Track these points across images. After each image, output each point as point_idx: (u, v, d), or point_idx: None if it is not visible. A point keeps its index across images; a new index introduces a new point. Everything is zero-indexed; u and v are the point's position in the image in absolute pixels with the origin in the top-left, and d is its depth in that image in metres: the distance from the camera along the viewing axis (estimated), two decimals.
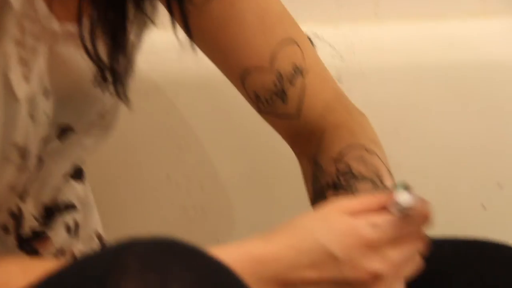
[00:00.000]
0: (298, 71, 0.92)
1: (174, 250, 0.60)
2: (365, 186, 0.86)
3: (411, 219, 0.76)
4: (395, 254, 0.75)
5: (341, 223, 0.75)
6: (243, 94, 0.95)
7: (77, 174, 0.92)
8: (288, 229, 0.76)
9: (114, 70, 0.74)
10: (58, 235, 0.89)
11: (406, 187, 0.77)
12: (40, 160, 0.82)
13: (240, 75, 0.93)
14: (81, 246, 0.92)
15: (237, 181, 1.33)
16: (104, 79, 0.79)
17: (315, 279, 0.74)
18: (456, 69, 1.34)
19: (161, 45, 1.13)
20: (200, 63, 0.98)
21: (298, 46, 0.93)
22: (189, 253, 0.61)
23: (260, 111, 0.95)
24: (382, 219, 0.75)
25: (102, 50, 0.76)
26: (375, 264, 0.74)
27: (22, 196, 0.84)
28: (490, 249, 0.91)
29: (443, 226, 0.98)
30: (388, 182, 0.86)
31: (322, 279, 0.74)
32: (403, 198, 0.76)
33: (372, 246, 0.74)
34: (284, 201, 1.32)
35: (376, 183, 0.87)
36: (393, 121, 1.28)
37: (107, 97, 0.82)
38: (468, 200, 1.37)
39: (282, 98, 0.93)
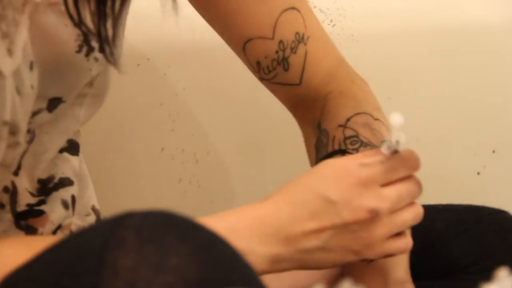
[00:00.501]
0: (299, 38, 0.93)
1: (171, 223, 0.60)
2: None
3: (400, 159, 0.77)
4: (390, 192, 0.76)
5: (332, 169, 0.76)
6: (244, 63, 0.96)
7: (73, 148, 0.92)
8: (283, 188, 0.77)
9: (102, 36, 0.73)
10: (55, 211, 0.88)
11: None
12: (32, 133, 0.81)
13: (242, 44, 0.93)
14: (78, 220, 0.92)
15: (232, 152, 1.33)
16: (89, 46, 0.79)
17: (316, 230, 0.75)
18: (449, 33, 1.34)
19: (152, 15, 1.12)
20: (192, 33, 0.97)
21: (300, 12, 0.93)
22: (185, 226, 0.60)
23: (262, 79, 0.95)
24: (371, 159, 0.77)
25: (88, 16, 0.75)
26: (372, 201, 0.75)
27: (15, 171, 0.83)
28: (485, 215, 0.92)
29: (439, 194, 0.98)
30: None
31: (323, 228, 0.75)
32: (393, 136, 0.76)
33: (366, 184, 0.75)
34: (279, 170, 1.32)
35: None
36: (385, 87, 1.28)
37: (93, 65, 0.82)
38: (464, 167, 1.37)
39: (284, 65, 0.93)
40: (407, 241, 0.79)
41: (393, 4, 1.33)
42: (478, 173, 1.37)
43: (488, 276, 0.58)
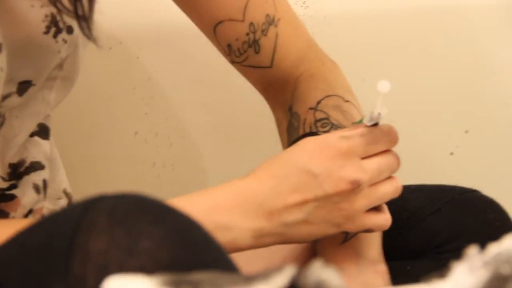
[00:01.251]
0: (270, 20, 0.93)
1: (143, 206, 0.60)
2: None
3: (380, 132, 0.78)
4: (370, 165, 0.77)
5: (312, 142, 0.77)
6: (215, 45, 0.95)
7: (44, 132, 0.91)
8: (265, 163, 0.78)
9: (78, 12, 0.72)
10: (26, 195, 0.88)
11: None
12: (1, 117, 0.81)
13: (213, 27, 0.93)
14: (49, 204, 0.91)
15: (205, 136, 1.33)
16: (57, 27, 0.78)
17: (299, 202, 0.76)
18: (421, 14, 1.34)
19: None
20: (165, 16, 0.97)
21: None
22: (157, 209, 0.60)
23: (233, 61, 0.95)
24: (350, 131, 0.78)
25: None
26: (353, 172, 0.76)
27: None
28: (457, 195, 0.92)
29: (413, 174, 0.98)
30: None
31: (306, 201, 0.76)
32: (378, 103, 0.77)
33: (347, 156, 0.76)
34: (253, 153, 1.31)
35: None
36: (358, 69, 1.28)
37: (62, 46, 0.81)
38: (437, 147, 1.38)
39: (255, 48, 0.93)
40: (386, 218, 0.80)
41: None
42: (451, 154, 1.37)
43: (459, 255, 0.58)
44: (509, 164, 1.39)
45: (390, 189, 0.79)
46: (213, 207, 0.74)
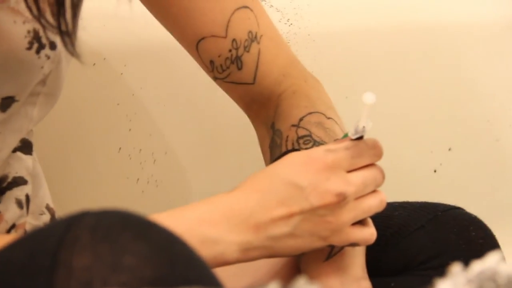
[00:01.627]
0: (252, 37, 0.93)
1: (126, 222, 0.60)
2: None
3: (365, 146, 0.78)
4: (356, 178, 0.77)
5: (298, 157, 0.77)
6: (198, 62, 0.95)
7: (26, 147, 0.91)
8: (251, 177, 0.78)
9: (62, 28, 0.72)
10: (9, 210, 0.87)
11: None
12: None
13: (195, 43, 0.93)
14: (32, 220, 0.91)
15: (190, 152, 1.33)
16: (40, 43, 0.78)
17: (285, 216, 0.76)
18: (404, 32, 1.35)
19: (109, 14, 1.11)
20: (149, 33, 0.97)
21: (252, 11, 0.93)
22: (141, 225, 0.60)
23: (215, 78, 0.95)
24: (335, 145, 0.78)
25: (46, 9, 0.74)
26: (339, 185, 0.76)
27: None
28: (440, 212, 0.93)
29: (396, 191, 0.99)
30: None
31: (292, 214, 0.76)
32: (363, 116, 0.77)
33: (333, 169, 0.76)
34: (237, 170, 1.31)
35: None
36: (342, 86, 1.28)
37: (45, 62, 0.81)
38: (421, 165, 1.38)
39: (238, 64, 0.93)
40: (372, 232, 0.80)
41: (349, 4, 1.34)
42: (435, 171, 1.38)
43: (443, 272, 0.58)
44: (492, 181, 1.39)
45: (375, 203, 0.79)
46: (200, 221, 0.74)
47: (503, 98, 1.39)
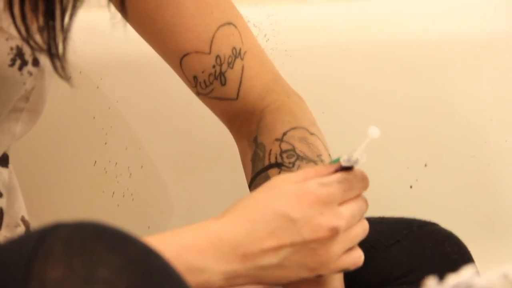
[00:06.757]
0: (236, 53, 0.93)
1: (101, 234, 0.59)
2: (307, 166, 0.88)
3: (355, 179, 0.78)
4: (346, 210, 0.77)
5: (291, 188, 0.76)
6: (181, 77, 0.95)
7: (3, 160, 0.90)
8: (239, 205, 0.77)
9: (52, 51, 0.72)
10: None
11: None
12: None
13: (179, 59, 0.93)
14: (6, 232, 0.90)
15: (166, 166, 1.32)
16: (23, 60, 0.78)
17: (275, 247, 0.75)
18: (381, 47, 1.35)
19: (84, 28, 1.11)
20: (125, 46, 0.97)
21: (236, 28, 0.94)
22: (115, 237, 0.60)
23: (198, 93, 0.95)
24: (328, 178, 0.77)
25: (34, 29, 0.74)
26: (332, 219, 0.76)
27: None
28: (416, 227, 0.93)
29: (372, 207, 0.99)
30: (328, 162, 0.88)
31: (282, 246, 0.75)
32: (362, 147, 0.77)
33: (325, 203, 0.76)
34: (214, 184, 1.31)
35: (318, 163, 0.89)
36: (319, 101, 1.29)
37: (27, 79, 0.81)
38: (396, 180, 1.39)
39: (221, 80, 0.93)
40: (359, 254, 0.80)
41: (326, 19, 1.35)
42: (411, 187, 1.38)
43: (418, 286, 0.58)
44: (467, 197, 1.40)
45: (361, 231, 0.80)
46: (186, 248, 0.73)
47: (479, 115, 1.39)
